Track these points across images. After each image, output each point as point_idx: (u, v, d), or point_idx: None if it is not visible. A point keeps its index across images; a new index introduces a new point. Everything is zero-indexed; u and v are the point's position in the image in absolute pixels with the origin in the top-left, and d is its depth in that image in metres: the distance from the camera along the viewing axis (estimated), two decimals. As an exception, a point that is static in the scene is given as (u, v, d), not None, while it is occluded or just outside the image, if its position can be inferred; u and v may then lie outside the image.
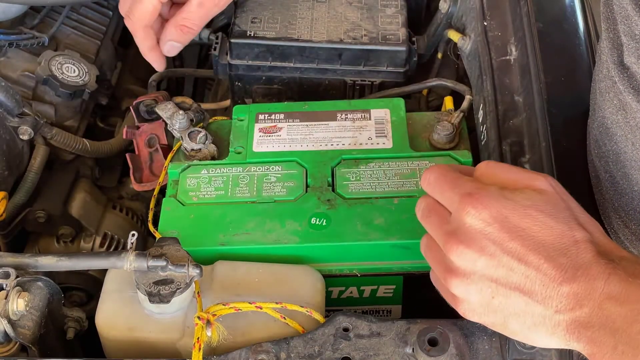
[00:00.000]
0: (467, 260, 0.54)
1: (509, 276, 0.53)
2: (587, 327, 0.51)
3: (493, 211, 0.54)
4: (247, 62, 0.90)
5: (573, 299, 0.52)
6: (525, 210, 0.54)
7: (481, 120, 0.80)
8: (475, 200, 0.55)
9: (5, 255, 0.65)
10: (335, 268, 0.73)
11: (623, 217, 0.67)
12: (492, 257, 0.54)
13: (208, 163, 0.79)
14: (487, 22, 0.82)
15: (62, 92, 0.90)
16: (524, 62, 0.78)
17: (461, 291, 0.56)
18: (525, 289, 0.53)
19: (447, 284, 0.57)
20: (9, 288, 0.63)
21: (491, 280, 0.54)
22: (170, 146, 0.84)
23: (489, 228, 0.54)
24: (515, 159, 0.72)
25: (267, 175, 0.77)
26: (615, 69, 0.62)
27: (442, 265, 0.57)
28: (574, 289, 0.52)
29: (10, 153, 0.82)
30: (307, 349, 0.60)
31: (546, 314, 0.53)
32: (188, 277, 0.63)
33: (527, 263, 0.53)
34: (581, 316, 0.52)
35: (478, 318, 0.56)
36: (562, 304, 0.52)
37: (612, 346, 0.50)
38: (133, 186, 0.84)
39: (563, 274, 0.52)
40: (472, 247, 0.54)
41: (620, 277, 0.52)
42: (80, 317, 0.77)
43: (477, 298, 0.55)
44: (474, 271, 0.54)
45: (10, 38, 0.90)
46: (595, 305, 0.51)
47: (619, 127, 0.64)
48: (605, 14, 0.63)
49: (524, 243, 0.53)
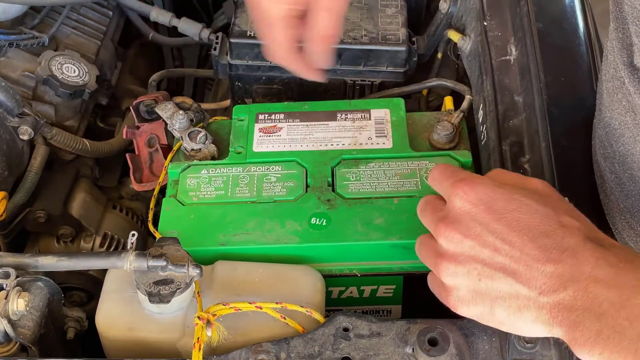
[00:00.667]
0: (455, 242, 0.56)
1: (494, 256, 0.54)
2: (571, 310, 0.51)
3: (480, 194, 0.57)
4: (247, 62, 0.90)
5: (557, 280, 0.52)
6: (512, 194, 0.56)
7: (481, 120, 0.80)
8: (465, 184, 0.58)
9: (5, 255, 0.65)
10: (335, 268, 0.73)
11: (628, 218, 0.66)
12: (478, 237, 0.55)
13: (208, 163, 0.79)
14: (487, 22, 0.82)
15: (62, 92, 0.90)
16: (524, 62, 0.78)
17: (449, 275, 0.56)
18: (510, 269, 0.54)
19: (437, 271, 0.58)
20: (9, 288, 0.63)
21: (477, 261, 0.55)
22: (170, 146, 0.84)
23: (475, 209, 0.56)
24: (515, 159, 0.72)
25: (267, 175, 0.77)
26: (625, 69, 0.61)
27: (433, 256, 0.58)
28: (559, 270, 0.52)
29: (10, 153, 0.82)
30: (307, 349, 0.60)
31: (530, 295, 0.53)
32: (188, 277, 0.63)
33: (512, 244, 0.54)
34: (565, 298, 0.52)
35: (467, 308, 0.57)
36: (545, 285, 0.52)
37: (597, 331, 0.50)
38: (133, 186, 0.84)
39: (547, 254, 0.53)
40: (459, 228, 0.56)
41: (610, 261, 0.52)
42: (80, 317, 0.77)
43: (464, 282, 0.56)
44: (461, 252, 0.56)
45: (10, 38, 0.90)
46: (581, 288, 0.51)
47: (627, 128, 0.63)
48: (614, 13, 0.63)
49: (509, 224, 0.55)
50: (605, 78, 0.67)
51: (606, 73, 0.67)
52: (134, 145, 0.87)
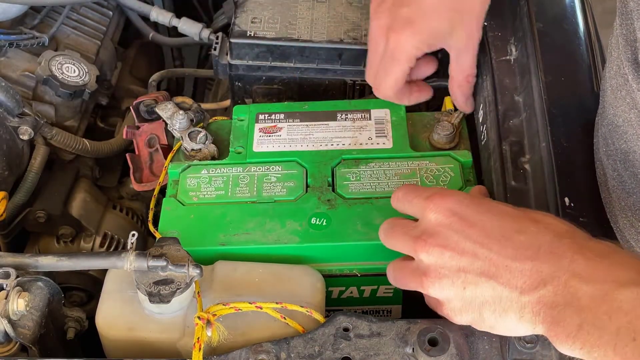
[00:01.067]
0: (435, 255, 0.57)
1: (473, 262, 0.55)
2: (552, 307, 0.52)
3: (452, 205, 0.58)
4: (247, 62, 0.90)
5: (536, 277, 0.52)
6: (481, 200, 0.59)
7: (481, 120, 0.80)
8: (437, 198, 0.59)
9: (5, 255, 0.65)
10: (335, 268, 0.73)
11: (629, 216, 0.67)
12: (456, 246, 0.56)
13: (208, 163, 0.79)
14: (487, 22, 0.82)
15: (62, 92, 0.90)
16: (524, 62, 0.78)
17: (437, 290, 0.57)
18: (490, 273, 0.54)
19: (424, 289, 0.58)
20: (9, 288, 0.63)
21: (459, 270, 0.56)
22: (170, 146, 0.84)
23: (449, 219, 0.58)
24: (515, 159, 0.72)
25: (267, 175, 0.77)
26: (629, 66, 0.61)
27: (415, 276, 0.59)
28: (537, 267, 0.53)
29: (10, 153, 0.82)
30: (307, 349, 0.60)
31: (512, 296, 0.54)
32: (188, 277, 0.63)
33: (488, 247, 0.55)
34: (546, 295, 0.52)
35: (460, 317, 0.58)
36: (525, 284, 0.53)
37: (577, 325, 0.50)
38: (133, 186, 0.84)
39: (523, 251, 0.54)
40: (437, 240, 0.57)
41: (587, 256, 0.52)
42: (80, 317, 0.77)
43: (452, 293, 0.57)
44: (442, 264, 0.57)
45: (10, 38, 0.90)
46: (560, 283, 0.52)
47: (630, 125, 0.63)
48: (620, 9, 0.62)
49: (483, 228, 0.56)
50: (609, 75, 0.67)
51: (610, 70, 0.67)
52: (134, 145, 0.87)
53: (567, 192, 0.67)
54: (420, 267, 0.58)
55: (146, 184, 0.84)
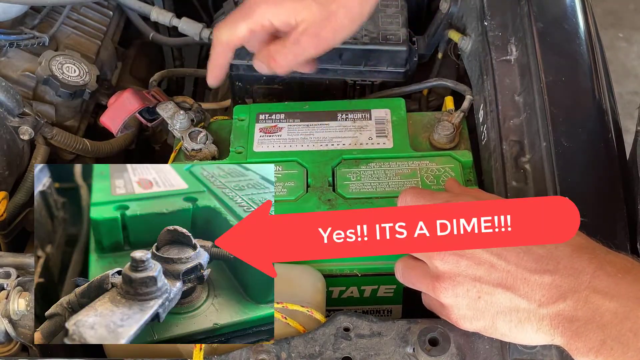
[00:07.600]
0: (450, 263, 0.56)
1: (490, 273, 0.55)
2: (572, 321, 0.52)
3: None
4: (248, 62, 0.90)
5: (555, 291, 0.52)
6: None
7: (481, 120, 0.80)
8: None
9: (5, 255, 0.65)
10: (335, 268, 0.73)
11: None
12: (473, 256, 0.56)
13: (208, 163, 0.79)
14: (488, 22, 0.82)
15: (63, 92, 0.90)
16: (524, 62, 0.78)
17: (449, 296, 0.57)
18: (508, 284, 0.54)
19: (435, 293, 0.58)
20: (9, 288, 0.63)
21: (475, 279, 0.55)
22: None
23: None
24: (515, 159, 0.72)
25: (268, 175, 0.77)
26: None
27: (427, 278, 0.59)
28: (557, 281, 0.52)
29: (10, 153, 0.82)
30: (307, 349, 0.60)
31: (530, 308, 0.53)
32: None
33: (507, 259, 0.55)
34: (565, 309, 0.52)
35: (469, 324, 0.57)
36: (544, 297, 0.53)
37: (600, 340, 0.50)
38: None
39: (543, 265, 0.53)
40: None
41: (608, 271, 0.52)
42: (81, 317, 0.76)
43: (464, 301, 0.56)
44: (458, 272, 0.56)
45: (10, 38, 0.90)
46: (581, 298, 0.51)
47: None
48: None
49: None
50: None
51: None
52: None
53: (568, 193, 0.67)
54: (434, 271, 0.58)
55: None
